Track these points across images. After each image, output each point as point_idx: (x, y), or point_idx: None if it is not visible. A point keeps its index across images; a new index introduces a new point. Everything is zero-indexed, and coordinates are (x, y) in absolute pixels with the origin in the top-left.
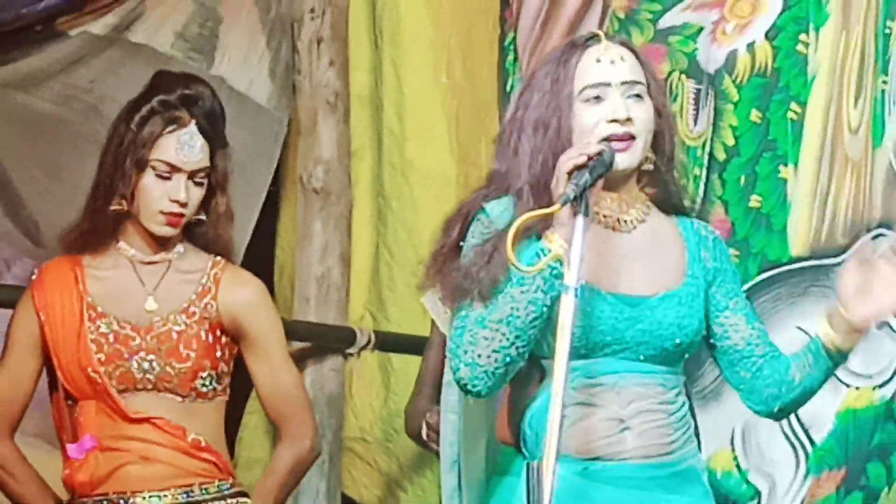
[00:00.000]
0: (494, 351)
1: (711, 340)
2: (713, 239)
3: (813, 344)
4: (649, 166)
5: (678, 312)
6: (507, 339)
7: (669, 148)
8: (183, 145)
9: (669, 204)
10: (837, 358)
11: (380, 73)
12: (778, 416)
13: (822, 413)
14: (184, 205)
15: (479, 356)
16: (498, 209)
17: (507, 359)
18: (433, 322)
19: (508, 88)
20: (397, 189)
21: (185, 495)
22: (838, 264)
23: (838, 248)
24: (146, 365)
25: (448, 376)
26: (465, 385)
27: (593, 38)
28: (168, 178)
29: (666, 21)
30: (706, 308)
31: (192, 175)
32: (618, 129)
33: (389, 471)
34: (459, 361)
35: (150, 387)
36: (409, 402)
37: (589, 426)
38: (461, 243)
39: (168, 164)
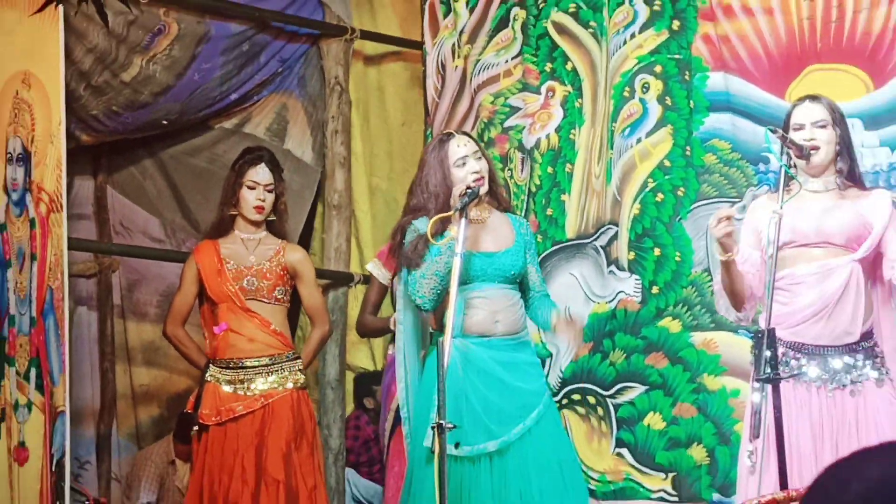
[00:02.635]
0: (432, 288)
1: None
2: (525, 224)
3: (551, 319)
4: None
5: (512, 258)
6: (437, 281)
7: (496, 179)
8: (259, 172)
9: (501, 207)
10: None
11: (366, 150)
12: (545, 328)
13: (581, 315)
14: (263, 200)
15: (426, 292)
16: (419, 224)
17: (440, 289)
18: (372, 275)
19: None
20: (374, 209)
21: (269, 359)
22: (590, 242)
23: (589, 235)
24: (251, 281)
25: (399, 305)
26: (422, 307)
27: (450, 134)
28: (254, 189)
29: (507, 123)
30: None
31: (265, 187)
32: (477, 175)
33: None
34: (416, 297)
35: (253, 295)
36: (357, 317)
37: (478, 319)
38: (403, 242)
39: (253, 181)
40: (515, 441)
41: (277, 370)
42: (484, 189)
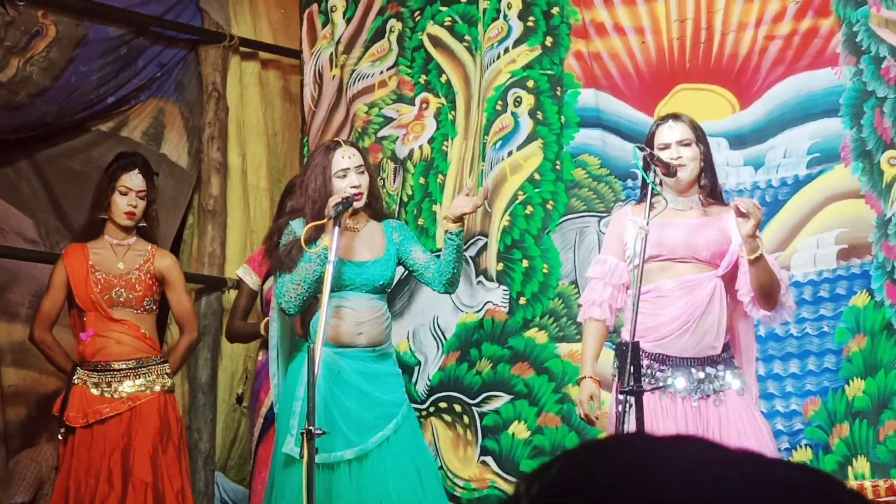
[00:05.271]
0: (298, 294)
1: (412, 270)
2: (398, 225)
3: (444, 238)
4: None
5: (382, 268)
6: (304, 288)
7: (375, 193)
8: (132, 178)
9: (377, 216)
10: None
11: (243, 156)
12: (450, 290)
13: (450, 324)
14: (135, 206)
15: (292, 297)
16: (296, 226)
17: (305, 296)
18: (241, 280)
19: None
20: (243, 213)
21: (136, 362)
22: None
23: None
24: (120, 292)
25: (273, 305)
26: (286, 311)
27: (338, 143)
28: (126, 195)
29: (381, 133)
30: (401, 258)
31: (137, 193)
32: (355, 190)
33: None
34: (282, 300)
35: (121, 305)
36: (227, 323)
37: (342, 329)
38: (279, 243)
39: (126, 187)
40: (374, 450)
41: (145, 373)
42: (360, 204)
